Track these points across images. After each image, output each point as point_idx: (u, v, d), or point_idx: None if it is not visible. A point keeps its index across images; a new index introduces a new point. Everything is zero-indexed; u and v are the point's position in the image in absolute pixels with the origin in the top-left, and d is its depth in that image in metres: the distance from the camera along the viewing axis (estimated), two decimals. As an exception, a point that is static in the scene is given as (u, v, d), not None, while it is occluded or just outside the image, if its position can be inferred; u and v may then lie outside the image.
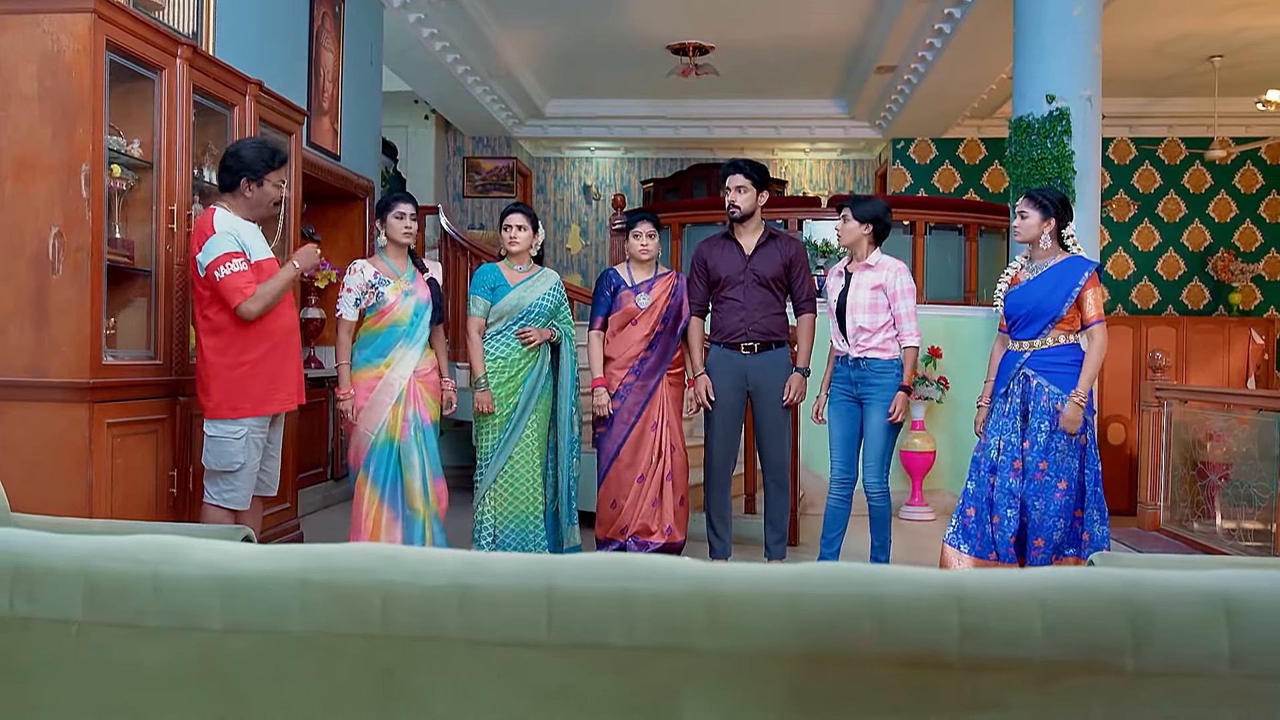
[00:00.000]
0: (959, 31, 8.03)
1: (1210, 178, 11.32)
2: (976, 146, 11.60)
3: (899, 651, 0.96)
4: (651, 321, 4.80)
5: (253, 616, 1.03)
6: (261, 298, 3.68)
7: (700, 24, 8.92)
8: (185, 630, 1.04)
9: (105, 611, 1.05)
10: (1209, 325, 10.66)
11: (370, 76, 7.44)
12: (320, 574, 1.03)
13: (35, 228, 3.64)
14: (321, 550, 1.07)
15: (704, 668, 0.98)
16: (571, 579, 1.01)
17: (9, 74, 3.65)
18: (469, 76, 9.81)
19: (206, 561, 1.05)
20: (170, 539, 1.08)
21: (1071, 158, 6.24)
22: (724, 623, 0.98)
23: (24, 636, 1.06)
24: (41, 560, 1.07)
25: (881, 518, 4.54)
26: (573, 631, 0.99)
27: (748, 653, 0.98)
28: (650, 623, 0.99)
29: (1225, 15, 8.41)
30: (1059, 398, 4.01)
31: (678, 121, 11.86)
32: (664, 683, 0.99)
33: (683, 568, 1.01)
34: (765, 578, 1.00)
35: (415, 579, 1.02)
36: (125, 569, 1.05)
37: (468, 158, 12.13)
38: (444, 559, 1.04)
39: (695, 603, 0.98)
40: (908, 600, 0.96)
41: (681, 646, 0.98)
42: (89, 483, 3.65)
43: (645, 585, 0.99)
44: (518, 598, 1.00)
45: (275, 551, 1.06)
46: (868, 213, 4.51)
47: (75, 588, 1.05)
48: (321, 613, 1.02)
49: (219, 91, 4.51)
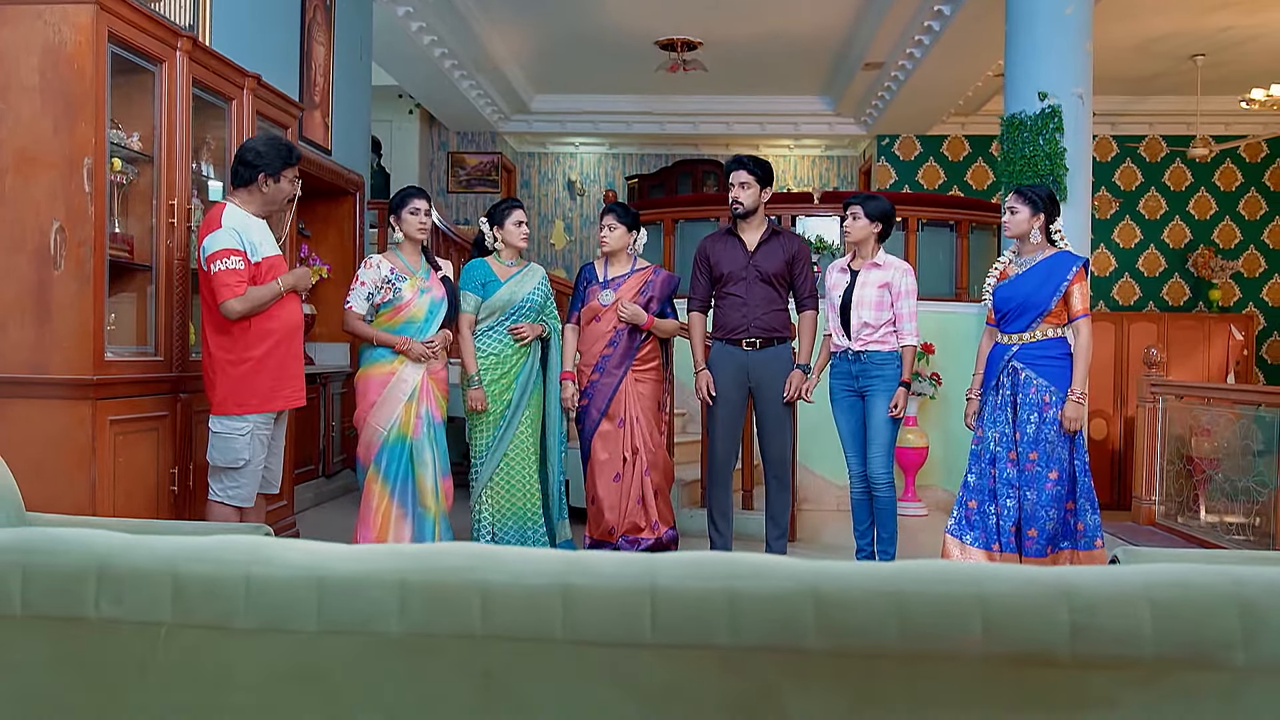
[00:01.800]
0: (949, 28, 8.06)
1: (1190, 176, 11.44)
2: (960, 143, 11.67)
3: (1007, 650, 0.96)
4: (614, 319, 4.75)
5: (349, 618, 1.01)
6: (249, 300, 3.64)
7: (689, 19, 8.91)
8: (277, 632, 1.02)
9: (194, 613, 1.03)
10: (1189, 321, 10.79)
11: (360, 70, 7.38)
12: (418, 574, 1.01)
13: (36, 222, 3.58)
14: (419, 550, 1.06)
15: (811, 666, 0.98)
16: (674, 578, 1.00)
17: (10, 66, 3.59)
18: (456, 71, 9.76)
19: (299, 562, 1.03)
20: (255, 539, 1.06)
21: (1064, 155, 6.28)
22: (831, 622, 0.97)
23: (110, 639, 1.04)
24: (127, 562, 1.04)
25: (888, 509, 4.56)
26: (678, 631, 0.99)
27: (855, 651, 0.97)
28: (757, 622, 0.98)
29: (1209, 15, 8.49)
30: (1047, 390, 4.09)
31: (663, 117, 11.85)
32: (770, 682, 0.98)
33: (786, 567, 1.00)
34: (871, 577, 0.99)
35: (516, 578, 1.01)
36: (214, 571, 1.03)
37: (452, 153, 12.07)
38: (544, 558, 1.03)
39: (802, 602, 0.98)
40: (1016, 598, 0.96)
41: (788, 646, 0.98)
42: (92, 481, 3.60)
43: (750, 584, 0.99)
44: (621, 597, 0.99)
45: (370, 551, 1.05)
46: (878, 210, 4.54)
47: (163, 590, 1.03)
48: (420, 613, 1.01)
49: (217, 85, 4.45)
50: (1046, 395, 4.08)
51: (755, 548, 5.10)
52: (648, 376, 4.83)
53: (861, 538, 4.67)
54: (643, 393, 4.79)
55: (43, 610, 1.04)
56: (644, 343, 4.80)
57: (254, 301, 3.66)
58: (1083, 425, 4.11)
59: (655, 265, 4.97)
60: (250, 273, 3.68)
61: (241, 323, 3.69)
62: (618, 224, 4.83)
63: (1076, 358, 4.09)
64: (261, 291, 3.68)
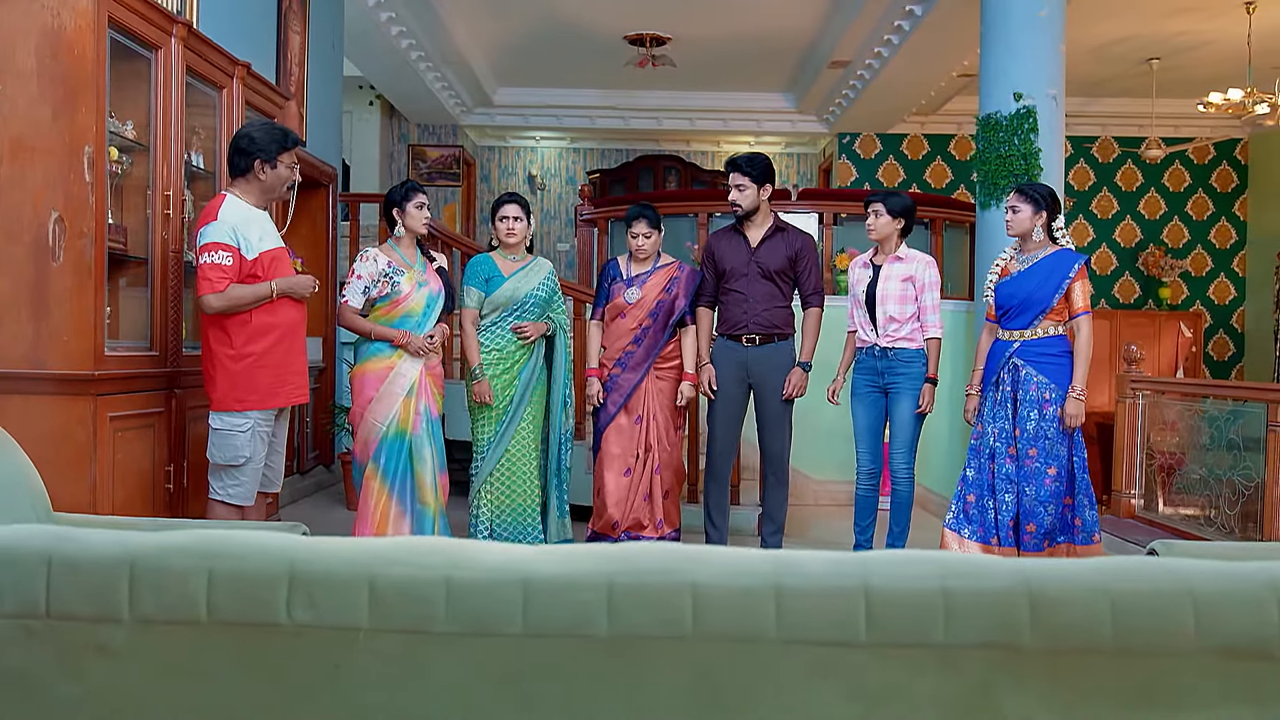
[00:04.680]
0: (918, 28, 8.15)
1: (1141, 176, 11.72)
2: (920, 142, 11.82)
3: (1219, 644, 0.98)
4: (640, 316, 4.72)
5: (555, 620, 0.99)
6: (229, 298, 3.52)
7: (659, 15, 8.90)
8: (479, 636, 1.00)
9: (391, 618, 1.00)
10: (1140, 319, 11.08)
11: (333, 60, 7.26)
12: (626, 575, 1.00)
13: (34, 212, 3.46)
14: (624, 551, 1.04)
15: (1026, 664, 0.98)
16: (887, 578, 1.00)
17: (5, 51, 3.46)
18: (422, 62, 9.65)
19: (500, 565, 1.01)
20: (456, 542, 1.04)
21: (1038, 155, 6.40)
22: (1047, 620, 0.98)
23: (303, 645, 1.01)
24: (319, 566, 1.01)
25: (904, 503, 4.62)
26: (893, 631, 0.99)
27: (1069, 648, 0.98)
28: (972, 621, 0.98)
29: (1166, 19, 8.71)
30: (1047, 387, 4.15)
31: (627, 112, 11.83)
32: (985, 680, 0.98)
33: (999, 565, 1.01)
34: (1083, 574, 1.00)
35: (727, 579, 1.00)
36: (412, 574, 1.01)
37: (413, 145, 11.92)
38: (752, 558, 1.02)
39: (1018, 601, 0.98)
40: (1226, 594, 0.98)
41: (1004, 644, 0.98)
42: (92, 479, 3.49)
43: (965, 583, 0.99)
44: (834, 597, 0.99)
45: (573, 553, 1.03)
46: (900, 206, 4.60)
47: (359, 594, 1.00)
48: (629, 615, 0.99)
49: (209, 73, 4.34)
50: (1047, 392, 4.14)
51: (744, 542, 5.12)
52: (669, 375, 4.80)
53: (862, 533, 4.71)
54: (663, 389, 4.77)
55: (231, 616, 1.01)
56: (668, 341, 4.78)
57: (234, 300, 3.54)
58: (1081, 422, 4.19)
59: (679, 261, 4.92)
60: (240, 269, 3.57)
61: (242, 317, 3.60)
62: (651, 229, 4.74)
63: (1077, 355, 4.16)
64: (245, 291, 3.56)
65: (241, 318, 3.60)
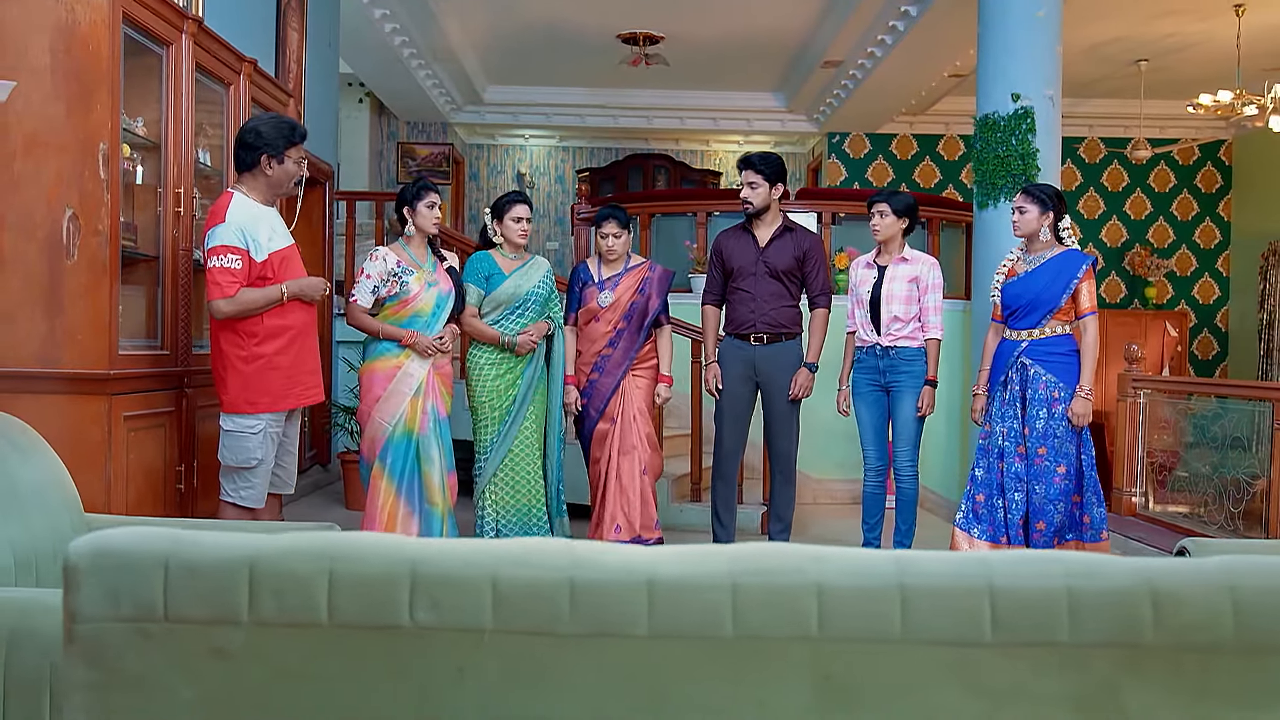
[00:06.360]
0: (913, 29, 8.19)
1: (1127, 177, 11.82)
2: (909, 142, 11.88)
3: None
4: (614, 319, 4.68)
5: (681, 622, 0.99)
6: (239, 303, 3.48)
7: (653, 14, 8.90)
8: (605, 636, 0.99)
9: (516, 619, 1.00)
10: (1126, 318, 11.18)
11: (329, 58, 7.22)
12: (751, 576, 1.00)
13: (48, 209, 3.42)
14: (748, 551, 1.04)
15: (1149, 662, 0.99)
16: (1011, 577, 1.00)
17: (19, 46, 3.41)
18: (414, 59, 9.61)
19: (622, 566, 1.01)
20: (577, 543, 1.04)
21: (1036, 155, 6.44)
22: (1169, 617, 0.99)
23: (426, 646, 1.00)
24: (440, 567, 1.01)
25: (909, 500, 4.64)
26: (1019, 630, 0.99)
27: (1192, 646, 0.99)
28: (1096, 619, 0.99)
29: (1156, 21, 8.78)
30: (1056, 386, 4.19)
31: (616, 111, 11.82)
32: (1109, 678, 0.99)
33: (1121, 564, 1.01)
34: (1205, 573, 1.01)
35: (850, 579, 1.00)
36: (537, 576, 1.00)
37: (402, 143, 11.86)
38: (873, 558, 1.02)
39: (1140, 599, 0.99)
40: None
41: (1127, 642, 0.99)
42: (107, 480, 3.46)
43: (1089, 583, 1.00)
44: (959, 597, 1.00)
45: (696, 554, 1.03)
46: (904, 206, 4.62)
47: (483, 595, 1.00)
48: (755, 616, 0.99)
49: (217, 70, 4.31)
50: (1056, 391, 4.18)
51: (748, 540, 5.12)
52: (646, 375, 4.80)
53: (870, 531, 4.73)
54: (641, 387, 4.77)
55: (352, 618, 1.00)
56: (644, 343, 4.76)
57: (244, 305, 3.50)
58: (1089, 420, 4.22)
59: (649, 261, 4.91)
60: (251, 272, 3.53)
61: (253, 319, 3.56)
62: (621, 229, 4.74)
63: (1084, 354, 4.20)
64: (256, 295, 3.52)
65: (253, 320, 3.56)
